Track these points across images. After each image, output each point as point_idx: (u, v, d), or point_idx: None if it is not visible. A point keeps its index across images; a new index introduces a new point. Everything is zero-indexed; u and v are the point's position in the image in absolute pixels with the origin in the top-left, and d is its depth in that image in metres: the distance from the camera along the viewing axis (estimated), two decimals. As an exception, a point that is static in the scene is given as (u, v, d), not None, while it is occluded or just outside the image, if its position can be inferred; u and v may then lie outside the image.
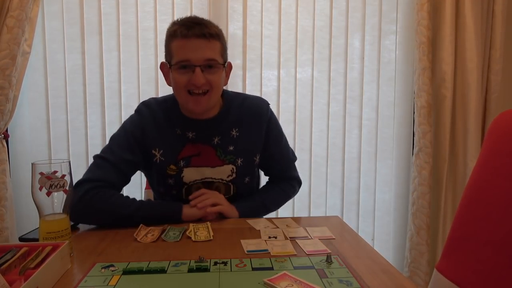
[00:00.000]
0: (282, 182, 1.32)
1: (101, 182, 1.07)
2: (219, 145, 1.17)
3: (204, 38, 1.04)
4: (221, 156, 1.18)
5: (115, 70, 1.84)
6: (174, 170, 1.16)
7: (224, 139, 1.17)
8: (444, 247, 0.83)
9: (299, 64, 1.93)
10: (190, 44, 1.04)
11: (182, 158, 1.16)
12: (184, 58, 1.05)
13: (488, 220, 0.72)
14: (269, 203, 1.25)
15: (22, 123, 1.81)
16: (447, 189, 1.93)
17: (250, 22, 1.87)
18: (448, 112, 1.87)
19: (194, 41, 1.03)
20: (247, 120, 1.20)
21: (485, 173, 0.78)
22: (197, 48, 1.04)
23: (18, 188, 1.80)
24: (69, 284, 0.73)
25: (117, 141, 1.15)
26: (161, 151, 1.16)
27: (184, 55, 1.05)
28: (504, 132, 0.77)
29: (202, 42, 1.04)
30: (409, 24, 1.93)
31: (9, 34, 1.58)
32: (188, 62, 1.05)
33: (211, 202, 1.11)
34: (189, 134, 1.16)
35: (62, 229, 0.85)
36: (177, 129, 1.16)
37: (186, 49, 1.04)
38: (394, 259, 2.05)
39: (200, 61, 1.05)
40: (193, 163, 1.16)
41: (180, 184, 1.18)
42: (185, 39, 1.04)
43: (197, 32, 1.03)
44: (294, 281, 0.72)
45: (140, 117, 1.17)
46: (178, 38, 1.05)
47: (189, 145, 1.16)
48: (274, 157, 1.28)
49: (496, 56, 1.84)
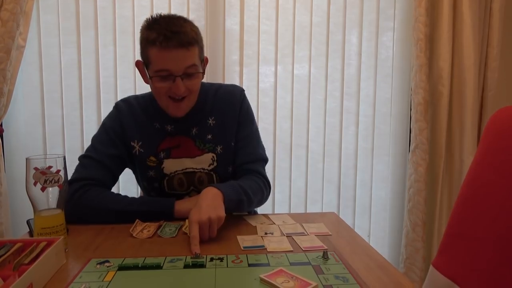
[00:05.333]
0: (248, 174, 1.18)
1: (88, 180, 1.08)
2: (197, 135, 1.19)
3: (183, 47, 1.03)
4: (200, 146, 1.19)
5: (111, 65, 1.83)
6: (154, 161, 1.17)
7: (202, 129, 1.19)
8: (440, 244, 0.83)
9: (296, 60, 1.92)
10: (170, 55, 1.03)
11: (162, 150, 1.17)
12: (164, 68, 1.05)
13: (485, 217, 0.72)
14: (244, 185, 1.09)
15: (17, 118, 1.80)
16: (443, 186, 1.93)
17: (247, 18, 1.86)
18: (445, 109, 1.87)
19: (174, 52, 1.03)
20: (222, 107, 1.21)
21: (482, 170, 0.78)
22: (176, 59, 1.04)
23: (13, 183, 1.78)
24: (64, 280, 0.73)
25: (99, 138, 1.18)
26: (140, 143, 1.17)
27: (164, 66, 1.05)
28: (501, 129, 0.77)
29: (181, 52, 1.03)
30: (407, 20, 1.93)
31: (4, 27, 1.56)
32: (168, 72, 1.05)
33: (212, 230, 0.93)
34: (167, 127, 1.18)
35: (57, 224, 0.85)
36: (156, 123, 1.18)
37: (166, 60, 1.04)
38: (390, 255, 2.06)
39: (180, 71, 1.05)
40: (173, 154, 1.17)
41: (161, 175, 1.18)
42: (164, 50, 1.02)
43: (176, 43, 1.02)
44: (291, 277, 0.72)
45: (118, 112, 1.20)
46: (157, 47, 1.03)
47: (168, 138, 1.18)
48: (240, 143, 1.21)
49: (493, 53, 1.85)
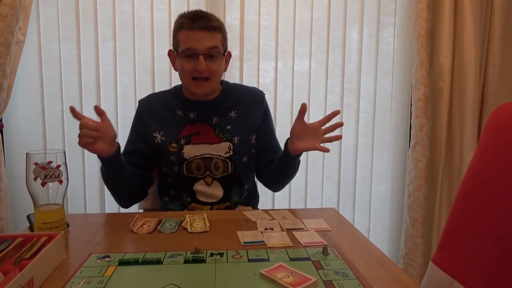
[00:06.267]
0: None
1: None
2: (217, 124, 1.28)
3: (207, 30, 1.17)
4: (219, 134, 1.28)
5: (111, 60, 1.82)
6: (175, 147, 1.26)
7: (222, 119, 1.29)
8: (440, 240, 0.83)
9: (297, 56, 1.91)
10: (195, 35, 1.17)
11: (183, 137, 1.27)
12: (190, 47, 1.18)
13: (485, 213, 0.72)
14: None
15: (17, 113, 1.80)
16: (443, 182, 1.93)
17: (247, 13, 1.86)
18: (445, 105, 1.87)
19: (199, 32, 1.17)
20: (246, 102, 1.33)
21: (482, 166, 0.78)
22: (201, 38, 1.17)
23: (13, 178, 1.78)
24: (65, 275, 0.73)
25: (127, 140, 1.33)
26: (161, 133, 1.28)
27: (190, 44, 1.18)
28: (501, 126, 0.77)
29: (206, 33, 1.18)
30: (408, 16, 1.92)
31: (3, 22, 1.55)
32: (193, 50, 1.18)
33: None
34: (190, 115, 1.28)
35: (57, 219, 0.85)
36: (179, 111, 1.29)
37: (191, 39, 1.18)
38: (390, 251, 2.07)
39: (204, 50, 1.18)
40: (192, 141, 1.27)
41: (181, 160, 1.26)
42: (190, 31, 1.18)
43: (201, 25, 1.17)
44: (290, 273, 0.72)
45: (139, 110, 1.33)
46: (185, 29, 1.19)
47: (189, 126, 1.28)
48: (268, 145, 1.36)
49: (494, 49, 1.84)
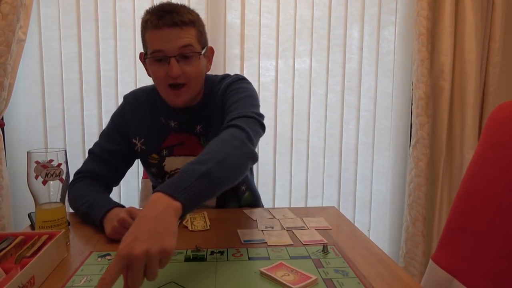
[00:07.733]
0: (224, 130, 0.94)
1: (85, 173, 1.11)
2: (201, 133, 1.14)
3: (176, 26, 0.99)
4: (204, 143, 1.14)
5: (112, 58, 1.82)
6: (155, 159, 1.15)
7: (206, 126, 1.13)
8: (440, 238, 0.83)
9: (297, 54, 1.91)
10: (163, 34, 1.00)
11: (165, 147, 1.15)
12: (157, 49, 1.01)
13: (485, 212, 0.73)
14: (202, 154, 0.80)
15: (18, 111, 1.80)
16: (443, 180, 1.93)
17: (248, 11, 1.85)
18: (446, 104, 1.87)
19: (167, 30, 0.99)
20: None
21: (482, 165, 0.78)
22: (169, 38, 1.00)
23: (14, 177, 1.79)
24: (66, 273, 0.74)
25: (104, 134, 1.19)
26: (141, 140, 1.15)
27: (157, 46, 1.01)
28: (501, 124, 0.77)
29: (175, 31, 0.99)
30: (409, 14, 1.92)
31: (4, 21, 1.55)
32: (162, 53, 1.01)
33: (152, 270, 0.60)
34: (171, 123, 1.14)
35: (58, 217, 0.85)
36: (161, 117, 1.15)
37: (159, 40, 1.00)
38: (390, 250, 2.07)
39: (174, 51, 1.00)
40: (175, 152, 1.15)
41: (162, 173, 1.16)
42: (156, 30, 1.00)
43: (169, 21, 0.99)
44: (290, 271, 0.72)
45: (123, 107, 1.19)
46: (150, 28, 1.01)
47: (173, 134, 1.14)
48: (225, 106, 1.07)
49: (495, 48, 1.84)
